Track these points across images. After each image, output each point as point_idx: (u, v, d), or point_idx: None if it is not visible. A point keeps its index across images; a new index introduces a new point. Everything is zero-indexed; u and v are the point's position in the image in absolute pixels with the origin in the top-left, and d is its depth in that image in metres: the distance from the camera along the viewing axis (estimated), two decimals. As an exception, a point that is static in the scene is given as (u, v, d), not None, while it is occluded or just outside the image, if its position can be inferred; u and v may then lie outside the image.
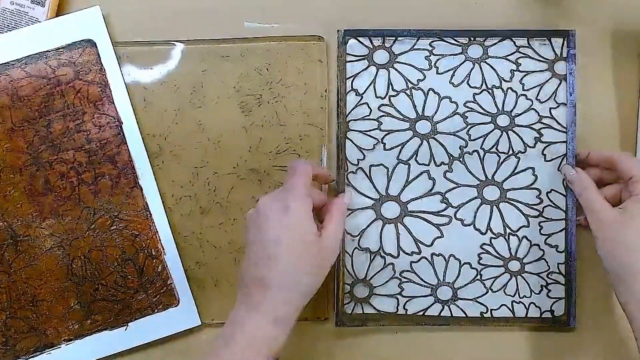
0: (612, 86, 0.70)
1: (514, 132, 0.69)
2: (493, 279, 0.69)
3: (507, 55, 0.69)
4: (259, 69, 0.69)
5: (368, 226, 0.69)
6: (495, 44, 0.69)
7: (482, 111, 0.69)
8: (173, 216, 0.69)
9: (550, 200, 0.69)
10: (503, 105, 0.69)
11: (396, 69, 0.70)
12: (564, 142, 0.68)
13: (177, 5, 0.71)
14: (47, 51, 0.68)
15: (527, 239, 0.69)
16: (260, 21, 0.70)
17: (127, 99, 0.69)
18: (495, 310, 0.69)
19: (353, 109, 0.69)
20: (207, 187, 0.69)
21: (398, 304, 0.69)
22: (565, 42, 0.69)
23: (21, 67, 0.68)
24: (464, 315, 0.69)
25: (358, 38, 0.70)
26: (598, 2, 0.70)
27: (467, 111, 0.69)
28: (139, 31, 0.70)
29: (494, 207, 0.69)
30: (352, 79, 0.70)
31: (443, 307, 0.69)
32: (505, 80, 0.69)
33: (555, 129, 0.69)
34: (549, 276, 0.69)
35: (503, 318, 0.69)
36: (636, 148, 0.69)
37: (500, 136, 0.69)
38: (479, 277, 0.69)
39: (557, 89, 0.69)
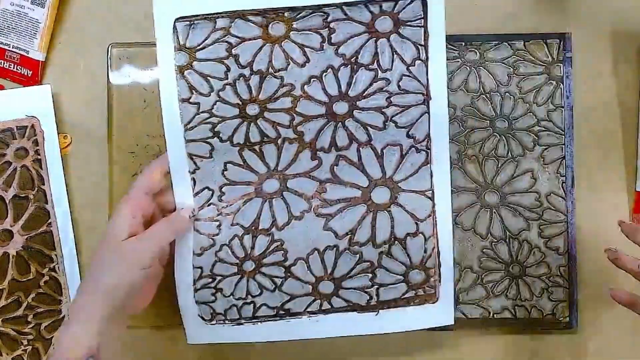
0: (612, 86, 0.70)
1: (512, 136, 0.69)
2: (494, 283, 0.69)
3: (504, 59, 0.70)
4: (259, 71, 0.69)
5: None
6: (491, 48, 0.70)
7: (480, 116, 0.69)
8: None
9: (550, 203, 0.69)
10: (501, 110, 0.69)
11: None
12: (562, 144, 0.69)
13: (178, 7, 0.71)
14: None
15: (527, 242, 0.69)
16: (261, 23, 0.71)
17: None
18: (497, 313, 0.69)
19: None
20: (207, 189, 0.69)
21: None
22: (561, 44, 0.70)
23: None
24: (466, 318, 0.69)
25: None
26: (598, 3, 0.71)
27: (465, 116, 0.69)
28: (139, 32, 0.70)
29: (494, 211, 0.69)
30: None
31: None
32: (502, 85, 0.70)
33: (553, 131, 0.69)
34: (550, 279, 0.69)
35: (505, 321, 0.69)
36: (637, 148, 0.70)
37: (499, 140, 0.69)
38: (480, 281, 0.69)
39: (554, 91, 0.70)
